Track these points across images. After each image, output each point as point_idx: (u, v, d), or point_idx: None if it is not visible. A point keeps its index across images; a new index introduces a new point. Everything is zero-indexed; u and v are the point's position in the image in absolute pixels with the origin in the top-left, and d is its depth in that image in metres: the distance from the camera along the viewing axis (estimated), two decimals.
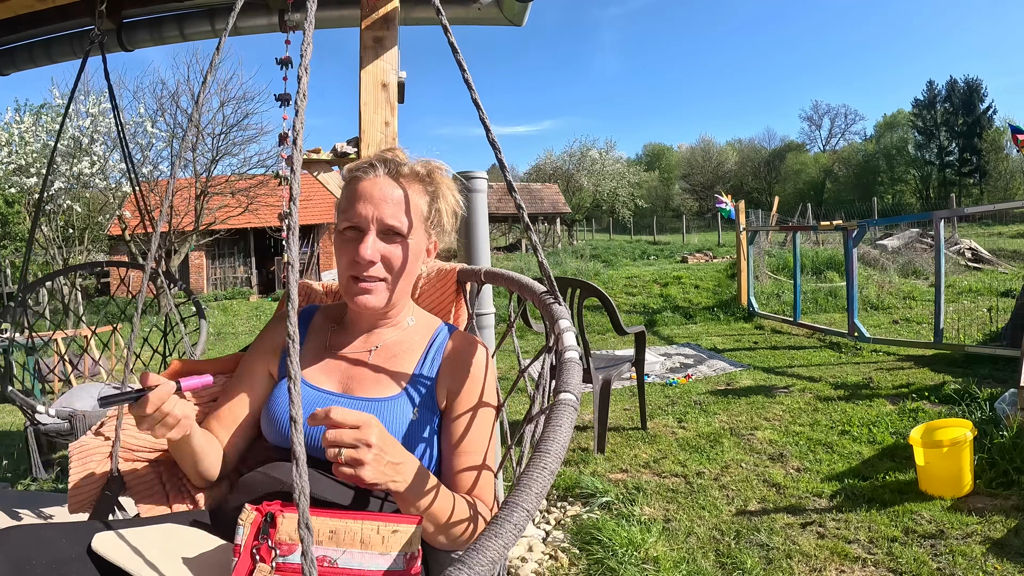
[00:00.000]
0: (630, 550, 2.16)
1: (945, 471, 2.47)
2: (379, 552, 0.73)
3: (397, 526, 0.75)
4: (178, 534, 0.91)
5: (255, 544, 0.73)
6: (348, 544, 0.73)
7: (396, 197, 0.99)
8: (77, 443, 1.09)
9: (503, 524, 0.56)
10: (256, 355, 1.12)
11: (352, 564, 0.72)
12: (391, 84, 2.22)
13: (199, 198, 13.02)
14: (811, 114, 55.78)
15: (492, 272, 1.21)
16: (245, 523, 0.74)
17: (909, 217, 14.75)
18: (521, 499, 0.59)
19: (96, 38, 2.47)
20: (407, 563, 0.74)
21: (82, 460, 1.07)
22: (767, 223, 13.43)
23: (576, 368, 0.77)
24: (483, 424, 1.00)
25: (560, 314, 0.93)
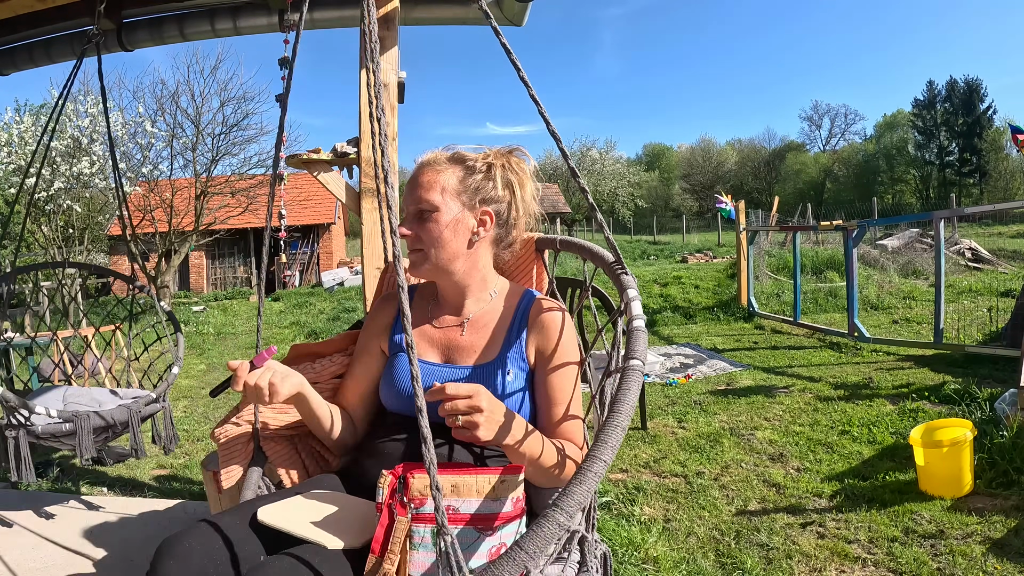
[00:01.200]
0: (630, 550, 2.16)
1: (945, 471, 2.47)
2: (491, 498, 0.89)
3: (504, 476, 0.90)
4: (323, 498, 1.07)
5: (391, 501, 0.89)
6: (467, 494, 0.89)
7: (420, 182, 1.16)
8: (221, 430, 1.28)
9: (586, 473, 0.75)
10: (368, 335, 1.28)
11: (472, 509, 0.89)
12: (391, 84, 2.22)
13: (199, 198, 13.00)
14: (811, 114, 55.77)
15: (567, 240, 1.34)
16: (383, 485, 0.90)
17: (909, 217, 14.75)
18: (599, 452, 0.77)
19: (94, 38, 2.47)
20: (514, 504, 0.91)
21: (228, 444, 1.27)
22: (767, 223, 13.43)
23: (643, 336, 0.94)
24: (568, 377, 1.15)
25: (628, 284, 1.07)
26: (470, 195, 1.16)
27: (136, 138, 12.52)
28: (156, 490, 3.03)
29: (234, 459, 1.28)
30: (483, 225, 1.18)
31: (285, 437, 1.31)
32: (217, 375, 6.72)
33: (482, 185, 1.17)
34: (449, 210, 1.15)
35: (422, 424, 0.74)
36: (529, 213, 1.24)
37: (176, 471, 3.37)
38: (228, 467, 1.27)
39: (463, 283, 1.20)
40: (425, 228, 1.14)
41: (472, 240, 1.17)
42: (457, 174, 1.17)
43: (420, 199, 1.15)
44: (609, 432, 0.79)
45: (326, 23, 2.66)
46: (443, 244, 1.14)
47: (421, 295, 1.29)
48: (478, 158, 1.19)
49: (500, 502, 0.90)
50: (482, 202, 1.17)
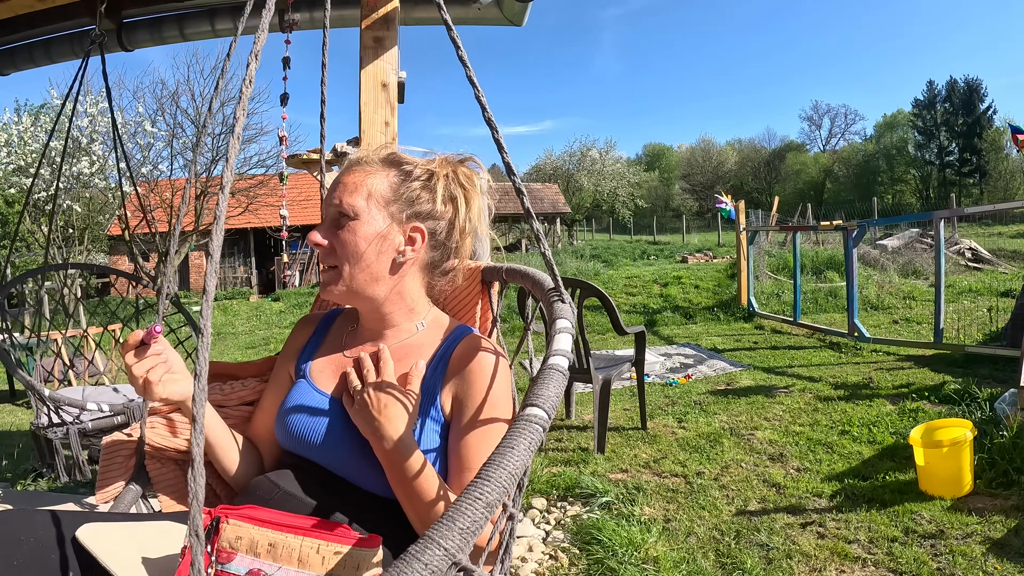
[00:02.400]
0: (630, 550, 2.16)
1: (945, 471, 2.47)
2: (315, 573, 0.69)
3: (340, 547, 0.70)
4: (170, 532, 0.89)
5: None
6: (285, 560, 0.70)
7: (345, 181, 0.98)
8: (109, 438, 1.16)
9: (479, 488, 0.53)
10: (281, 360, 1.12)
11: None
12: (391, 84, 2.22)
13: (199, 198, 13.01)
14: (811, 114, 55.80)
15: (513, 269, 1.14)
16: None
17: (909, 217, 14.75)
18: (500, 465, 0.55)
19: (97, 38, 2.47)
20: None
21: (111, 454, 1.13)
22: (767, 223, 13.43)
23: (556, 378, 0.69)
24: (491, 438, 0.91)
25: (560, 312, 0.85)
26: (401, 205, 0.97)
27: (136, 138, 12.52)
28: None
29: (112, 472, 1.13)
30: (411, 244, 0.98)
31: (174, 460, 1.14)
32: None
33: (419, 196, 0.98)
34: (372, 220, 0.95)
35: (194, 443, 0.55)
36: (472, 234, 1.05)
37: None
38: (104, 480, 1.12)
39: (384, 311, 1.01)
40: (341, 238, 0.95)
41: (397, 261, 0.98)
42: (390, 179, 0.98)
43: (340, 202, 0.95)
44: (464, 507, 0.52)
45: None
46: (360, 260, 0.95)
47: (345, 317, 1.13)
48: (418, 163, 1.01)
49: None
50: (414, 216, 0.98)
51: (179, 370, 0.91)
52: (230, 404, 1.15)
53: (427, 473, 0.87)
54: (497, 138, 0.93)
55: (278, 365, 1.12)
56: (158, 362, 0.88)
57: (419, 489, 0.86)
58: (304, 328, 1.14)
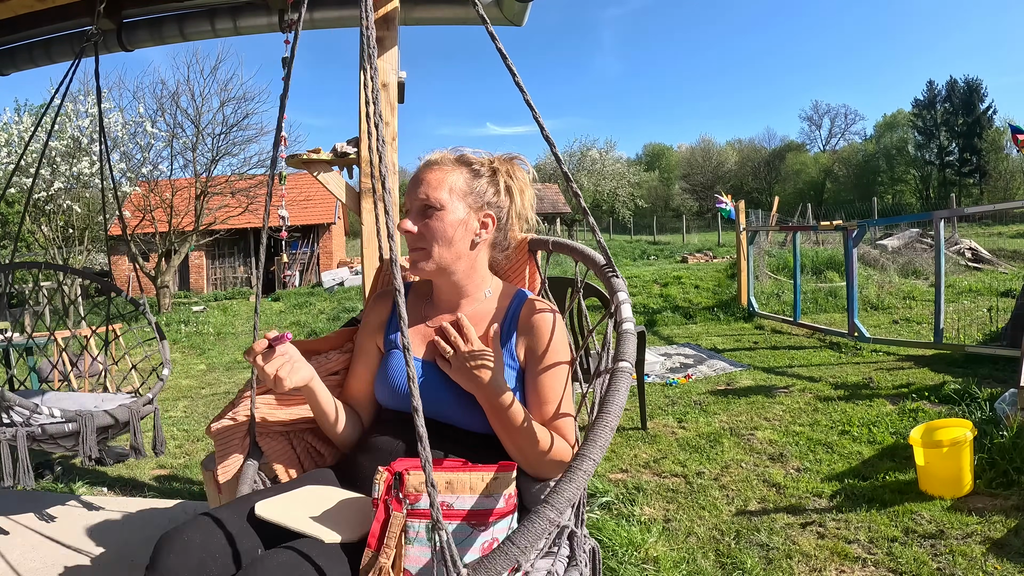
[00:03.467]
0: (630, 550, 2.16)
1: (945, 471, 2.47)
2: (484, 495, 0.91)
3: (496, 473, 0.93)
4: (319, 493, 1.09)
5: (387, 497, 0.91)
6: (460, 491, 0.91)
7: (427, 178, 1.18)
8: (218, 424, 1.30)
9: (576, 471, 0.78)
10: (364, 333, 1.31)
11: (466, 506, 0.91)
12: (391, 84, 2.22)
13: (199, 198, 13.00)
14: (811, 114, 55.79)
15: (559, 242, 1.36)
16: (379, 482, 0.92)
17: (909, 217, 14.75)
18: (589, 451, 0.80)
19: (93, 37, 2.46)
20: (506, 501, 0.92)
21: (226, 437, 1.29)
22: (767, 223, 13.43)
23: (632, 339, 0.97)
24: (558, 377, 1.16)
25: (619, 287, 1.10)
26: (475, 198, 1.19)
27: (136, 138, 12.52)
28: (156, 490, 3.03)
29: (230, 454, 1.29)
30: (485, 228, 1.21)
31: (281, 433, 1.32)
32: (217, 375, 6.72)
33: (486, 189, 1.21)
34: (456, 209, 1.17)
35: (418, 423, 0.76)
36: (524, 219, 1.29)
37: (176, 471, 3.37)
38: (224, 462, 1.28)
39: (461, 283, 1.22)
40: (430, 225, 1.16)
41: (474, 242, 1.20)
42: (464, 176, 1.20)
43: (427, 196, 1.17)
44: (598, 432, 0.82)
45: (326, 23, 2.66)
46: (448, 242, 1.17)
47: (415, 293, 1.32)
48: (483, 162, 1.23)
49: (493, 498, 0.92)
50: (486, 205, 1.21)
51: (298, 359, 1.12)
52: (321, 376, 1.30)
53: (516, 408, 1.10)
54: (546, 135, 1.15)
55: (363, 338, 1.31)
56: (284, 361, 1.09)
57: (514, 420, 1.09)
58: (382, 304, 1.32)
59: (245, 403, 1.32)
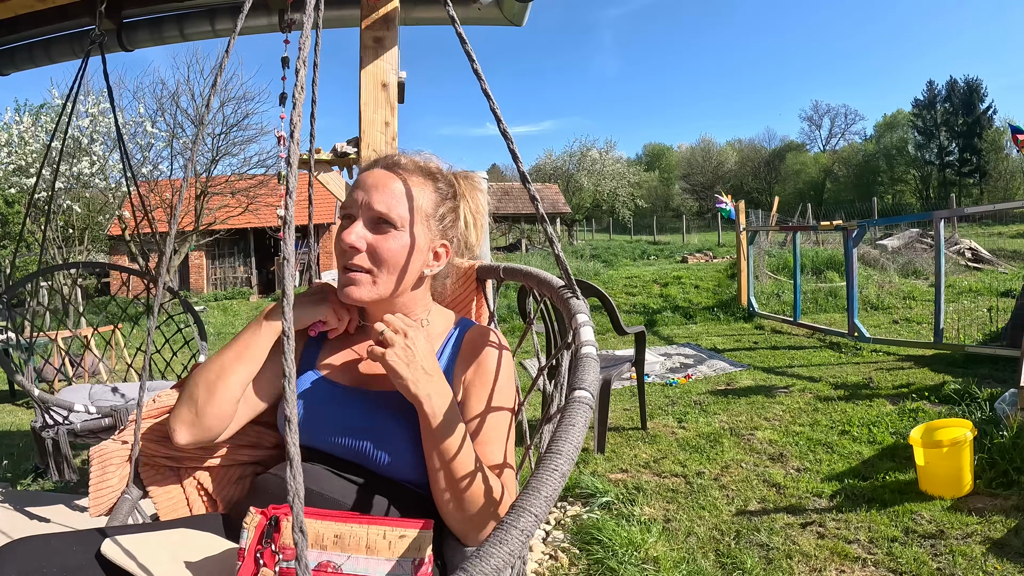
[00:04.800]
0: (630, 550, 2.16)
1: (945, 471, 2.47)
2: (385, 558, 0.71)
3: (404, 530, 0.73)
4: (191, 538, 0.90)
5: (259, 548, 0.73)
6: (353, 549, 0.72)
7: (391, 186, 0.97)
8: (97, 447, 1.11)
9: (510, 530, 0.55)
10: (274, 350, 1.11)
11: (357, 570, 0.71)
12: (391, 84, 2.22)
13: (199, 198, 13.01)
14: (811, 114, 55.83)
15: (511, 268, 1.22)
16: (249, 527, 0.74)
17: (909, 217, 14.75)
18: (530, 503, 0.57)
19: (97, 38, 2.47)
20: (414, 569, 0.72)
21: (102, 464, 1.09)
22: (767, 223, 13.43)
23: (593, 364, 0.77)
24: (500, 418, 0.97)
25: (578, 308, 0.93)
26: (436, 222, 1.01)
27: (136, 138, 12.53)
28: None
29: (105, 481, 1.09)
30: (438, 259, 1.03)
31: (168, 467, 1.12)
32: None
33: (448, 217, 1.04)
34: (416, 233, 0.98)
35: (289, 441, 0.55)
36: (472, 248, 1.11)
37: None
38: (97, 492, 1.08)
39: (396, 310, 1.02)
40: (381, 246, 0.95)
41: (423, 274, 1.03)
42: (431, 195, 1.01)
43: (388, 208, 0.95)
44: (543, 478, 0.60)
45: (326, 23, 2.65)
46: (397, 270, 0.97)
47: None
48: (449, 181, 1.06)
49: (398, 564, 0.71)
50: (443, 234, 1.03)
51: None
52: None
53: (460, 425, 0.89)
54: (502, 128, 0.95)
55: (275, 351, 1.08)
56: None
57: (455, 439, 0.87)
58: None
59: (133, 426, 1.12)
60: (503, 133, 0.93)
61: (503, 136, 0.93)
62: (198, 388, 0.97)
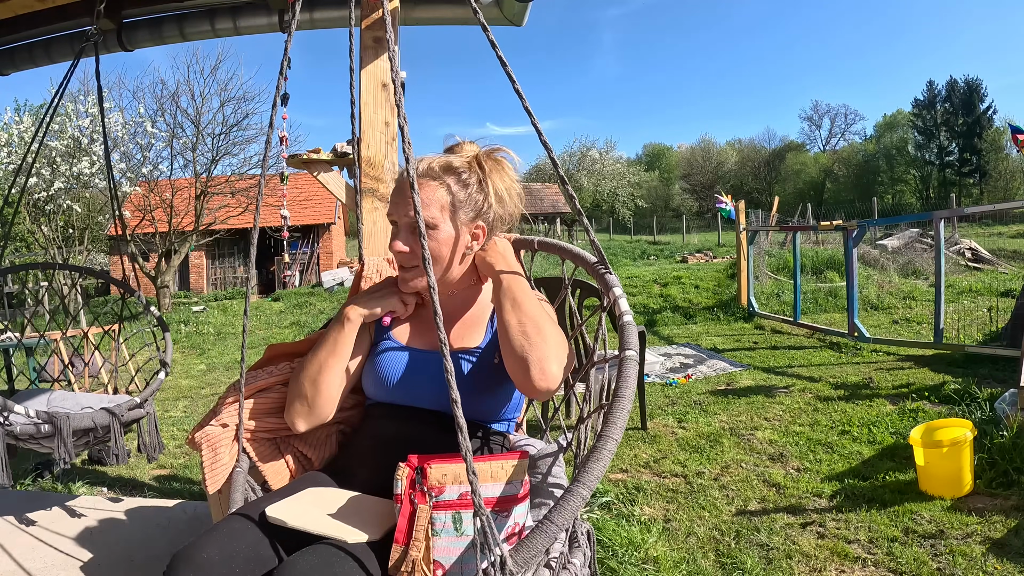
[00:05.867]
0: (630, 550, 2.16)
1: (945, 471, 2.47)
2: (504, 483, 0.94)
3: (513, 461, 0.95)
4: (323, 494, 1.08)
5: (411, 491, 0.91)
6: (484, 480, 0.92)
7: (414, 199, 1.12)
8: (203, 433, 1.25)
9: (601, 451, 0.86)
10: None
11: (488, 493, 0.93)
12: (391, 84, 2.22)
13: (199, 198, 13.01)
14: (811, 114, 55.79)
15: (545, 242, 1.36)
16: (401, 477, 0.92)
17: (909, 217, 14.75)
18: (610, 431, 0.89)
19: (93, 37, 2.46)
20: (523, 488, 0.96)
21: (212, 446, 1.23)
22: (767, 223, 13.43)
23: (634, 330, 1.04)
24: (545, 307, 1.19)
25: (613, 282, 1.14)
26: (466, 210, 1.16)
27: (136, 138, 12.53)
28: (156, 490, 3.03)
29: (218, 461, 1.24)
30: (476, 239, 1.20)
31: (267, 439, 1.30)
32: (217, 375, 6.72)
33: (475, 198, 1.17)
34: (448, 228, 1.15)
35: (457, 414, 0.78)
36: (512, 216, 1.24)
37: (176, 471, 3.37)
38: (213, 470, 1.23)
39: (450, 284, 1.22)
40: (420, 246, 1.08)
41: (466, 254, 1.19)
42: (453, 188, 1.15)
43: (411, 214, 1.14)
44: (616, 414, 0.89)
45: (326, 23, 2.66)
46: (441, 261, 1.15)
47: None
48: (470, 166, 1.18)
49: (512, 485, 0.94)
50: (476, 216, 1.18)
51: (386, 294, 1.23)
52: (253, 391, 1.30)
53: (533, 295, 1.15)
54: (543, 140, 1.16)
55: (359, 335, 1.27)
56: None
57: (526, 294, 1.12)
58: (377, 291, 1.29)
59: (229, 409, 1.28)
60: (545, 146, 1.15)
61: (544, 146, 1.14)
62: (304, 386, 1.19)
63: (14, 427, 2.01)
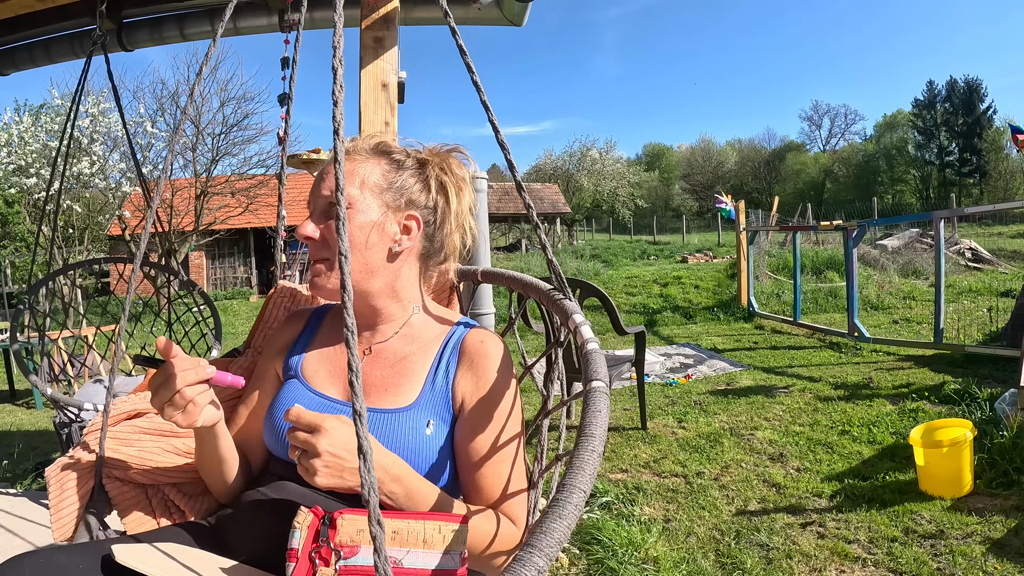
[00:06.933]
0: (630, 550, 2.16)
1: (945, 471, 2.47)
2: (440, 551, 0.72)
3: (453, 524, 0.74)
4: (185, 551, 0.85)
5: (314, 547, 0.72)
6: (412, 544, 0.72)
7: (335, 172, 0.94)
8: (53, 467, 1.01)
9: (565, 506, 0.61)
10: (267, 357, 1.05)
11: (416, 564, 0.71)
12: (391, 84, 2.22)
13: (199, 198, 13.01)
14: (811, 114, 55.80)
15: (491, 272, 1.17)
16: (302, 526, 0.73)
17: (909, 217, 14.74)
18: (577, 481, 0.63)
19: (98, 38, 2.47)
20: (462, 561, 0.73)
21: (62, 481, 1.00)
22: (767, 223, 13.43)
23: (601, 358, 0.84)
24: (510, 429, 0.90)
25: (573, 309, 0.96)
26: (394, 194, 0.94)
27: (136, 138, 12.52)
28: None
29: (66, 501, 0.98)
30: (407, 232, 0.95)
31: (134, 481, 1.04)
32: None
33: (410, 185, 0.96)
34: (368, 208, 0.92)
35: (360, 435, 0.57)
36: (464, 228, 1.02)
37: None
38: (59, 512, 0.98)
39: (378, 304, 0.96)
40: (333, 228, 0.91)
41: (393, 250, 0.94)
42: (381, 167, 0.95)
43: (331, 189, 0.91)
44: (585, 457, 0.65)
45: (326, 23, 2.66)
46: (357, 249, 0.91)
47: (334, 316, 1.07)
48: (408, 152, 0.99)
49: (449, 557, 0.72)
50: (409, 204, 0.95)
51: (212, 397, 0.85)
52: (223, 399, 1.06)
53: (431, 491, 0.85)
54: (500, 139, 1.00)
55: (263, 362, 1.05)
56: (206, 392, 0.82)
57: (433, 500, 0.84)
58: (293, 323, 1.07)
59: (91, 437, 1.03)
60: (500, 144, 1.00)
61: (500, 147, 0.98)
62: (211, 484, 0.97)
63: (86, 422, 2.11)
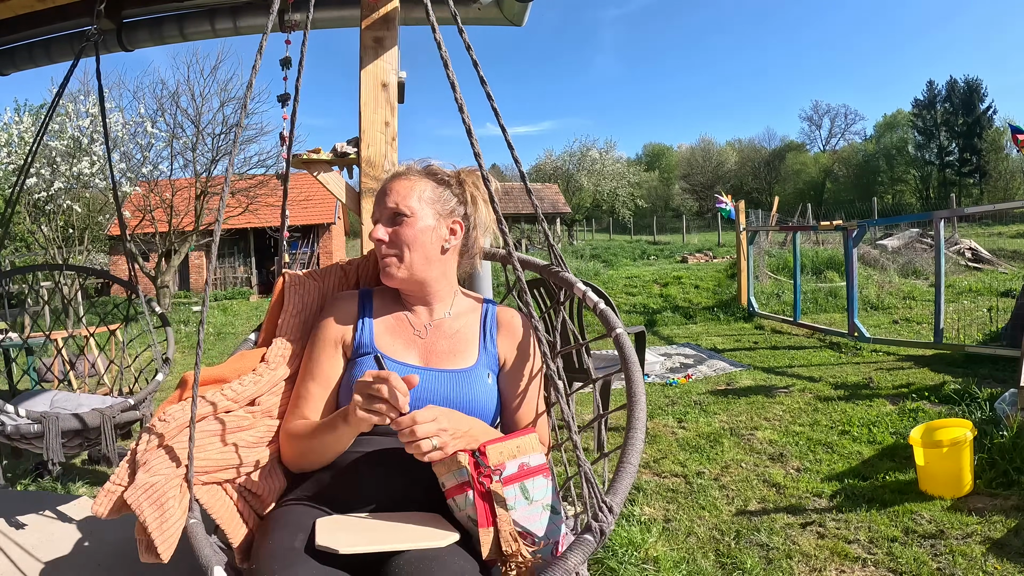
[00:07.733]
0: (630, 550, 2.16)
1: (945, 471, 2.47)
2: (539, 452, 1.03)
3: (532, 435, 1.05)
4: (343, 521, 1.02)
5: (477, 474, 0.96)
6: (525, 452, 1.01)
7: (396, 188, 1.22)
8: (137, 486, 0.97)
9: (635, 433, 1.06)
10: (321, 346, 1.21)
11: (532, 463, 1.01)
12: (391, 84, 2.21)
13: (199, 198, 13.00)
14: (811, 114, 55.79)
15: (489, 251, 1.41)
16: (465, 465, 0.97)
17: (909, 217, 14.75)
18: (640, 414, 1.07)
19: (93, 37, 2.46)
20: (545, 456, 1.06)
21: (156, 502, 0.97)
22: (767, 223, 13.43)
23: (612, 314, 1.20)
24: (536, 378, 1.26)
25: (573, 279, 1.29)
26: (442, 205, 1.24)
27: (136, 138, 12.51)
28: None
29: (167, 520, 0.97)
30: (454, 234, 1.25)
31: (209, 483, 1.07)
32: None
33: (452, 198, 1.26)
34: (424, 216, 1.21)
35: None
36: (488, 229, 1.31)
37: None
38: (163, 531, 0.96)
39: (433, 289, 1.24)
40: (400, 232, 1.19)
41: (444, 247, 1.24)
42: (431, 185, 1.24)
43: (397, 204, 1.20)
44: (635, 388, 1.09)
45: (326, 23, 2.66)
46: (419, 247, 1.19)
47: (382, 297, 1.28)
48: (449, 174, 1.29)
49: (540, 455, 1.03)
50: (452, 212, 1.25)
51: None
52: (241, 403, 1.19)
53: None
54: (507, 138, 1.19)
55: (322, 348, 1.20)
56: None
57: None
58: (345, 306, 1.25)
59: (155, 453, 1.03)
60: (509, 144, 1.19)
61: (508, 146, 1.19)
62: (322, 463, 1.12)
63: (5, 427, 2.02)
